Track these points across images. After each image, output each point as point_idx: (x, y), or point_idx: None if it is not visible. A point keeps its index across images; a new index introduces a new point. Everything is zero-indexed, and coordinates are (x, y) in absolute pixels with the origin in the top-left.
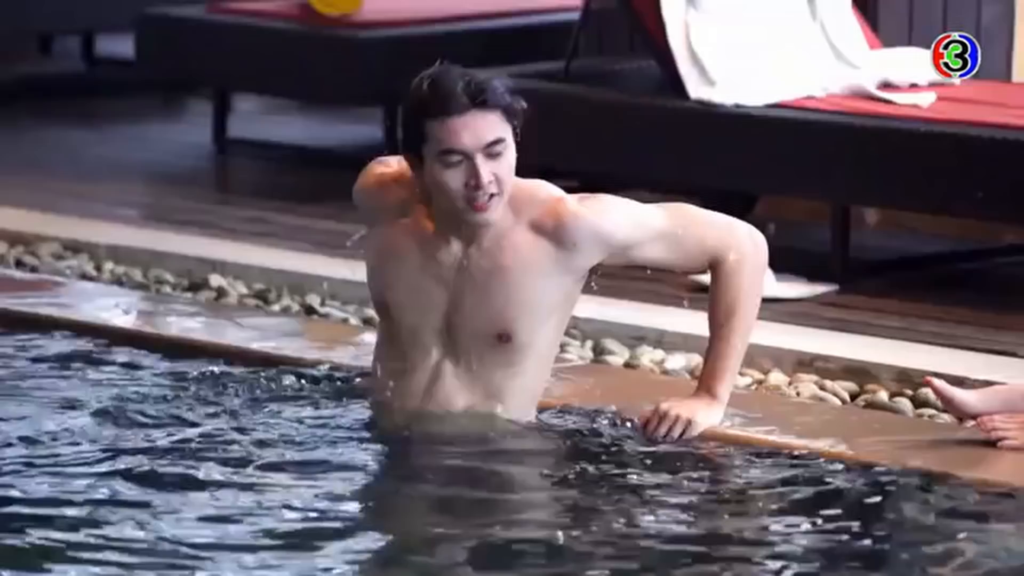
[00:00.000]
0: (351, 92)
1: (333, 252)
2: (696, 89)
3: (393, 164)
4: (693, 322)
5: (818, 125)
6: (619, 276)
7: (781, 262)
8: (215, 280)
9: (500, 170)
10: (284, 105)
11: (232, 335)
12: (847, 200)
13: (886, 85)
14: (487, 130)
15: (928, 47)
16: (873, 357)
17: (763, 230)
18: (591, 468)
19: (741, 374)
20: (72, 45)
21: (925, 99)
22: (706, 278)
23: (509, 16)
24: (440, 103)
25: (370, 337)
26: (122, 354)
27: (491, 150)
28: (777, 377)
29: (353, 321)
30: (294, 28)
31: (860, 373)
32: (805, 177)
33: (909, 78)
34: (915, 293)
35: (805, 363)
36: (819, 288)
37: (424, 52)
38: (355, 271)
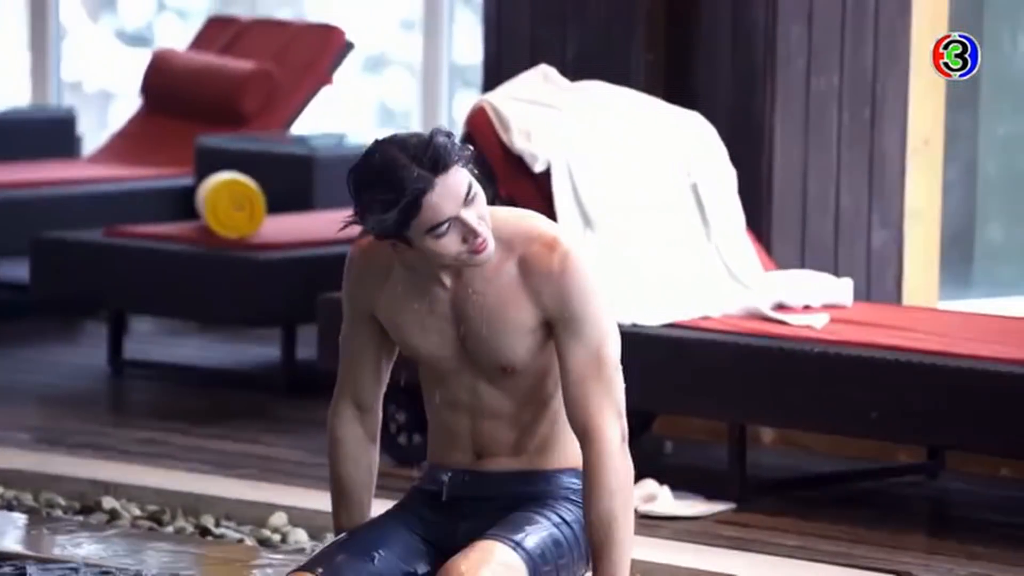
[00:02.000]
0: (249, 314)
1: (228, 472)
2: None
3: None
4: None
5: (714, 345)
6: None
7: (679, 480)
8: (108, 502)
9: (481, 209)
10: (181, 326)
11: (123, 557)
12: (743, 419)
13: (780, 306)
14: (459, 186)
15: (821, 270)
16: None
17: (661, 448)
18: None
19: None
20: None
21: (818, 320)
22: None
23: None
24: (409, 197)
25: (266, 556)
26: None
27: (468, 199)
28: None
29: (249, 542)
30: (191, 250)
31: None
32: (701, 396)
33: (803, 300)
34: (812, 512)
35: None
36: (716, 506)
37: (322, 274)
38: (252, 490)
